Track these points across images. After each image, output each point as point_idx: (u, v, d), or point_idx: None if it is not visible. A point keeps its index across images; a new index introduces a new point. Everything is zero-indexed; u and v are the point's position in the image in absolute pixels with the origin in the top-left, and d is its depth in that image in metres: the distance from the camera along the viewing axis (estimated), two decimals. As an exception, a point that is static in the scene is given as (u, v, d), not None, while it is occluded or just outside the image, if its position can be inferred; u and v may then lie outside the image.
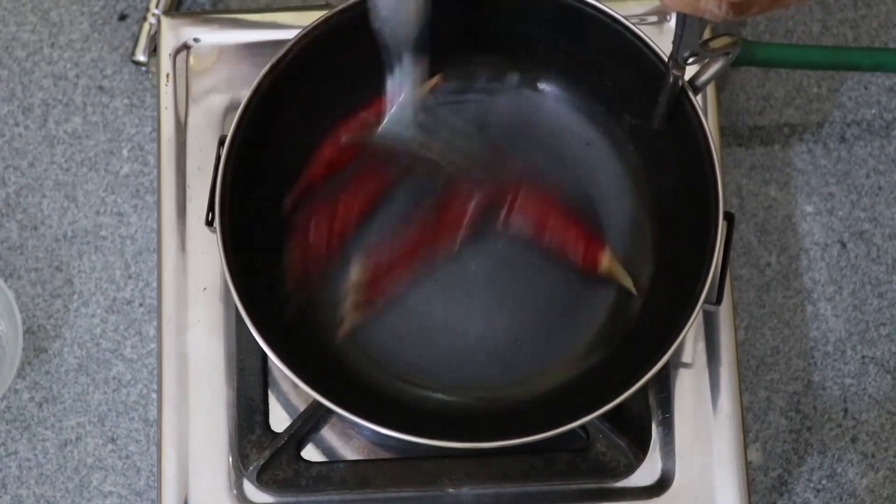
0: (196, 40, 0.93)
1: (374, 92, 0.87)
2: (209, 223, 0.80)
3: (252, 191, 0.83)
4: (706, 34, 0.75)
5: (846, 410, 0.95)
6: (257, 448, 0.84)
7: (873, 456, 0.94)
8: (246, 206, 0.82)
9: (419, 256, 0.86)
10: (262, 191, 0.85)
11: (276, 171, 0.87)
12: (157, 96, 0.92)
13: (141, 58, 0.98)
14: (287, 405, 0.87)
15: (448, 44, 0.88)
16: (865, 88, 1.00)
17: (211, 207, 0.80)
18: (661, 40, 0.81)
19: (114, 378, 0.95)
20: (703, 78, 0.79)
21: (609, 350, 0.85)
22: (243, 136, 0.81)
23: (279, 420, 0.86)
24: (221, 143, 0.81)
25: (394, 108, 0.83)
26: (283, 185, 0.87)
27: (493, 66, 0.90)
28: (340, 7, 0.83)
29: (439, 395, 0.85)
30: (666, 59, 0.78)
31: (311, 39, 0.83)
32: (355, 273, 0.85)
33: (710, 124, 0.81)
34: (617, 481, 0.84)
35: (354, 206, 0.86)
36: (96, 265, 0.96)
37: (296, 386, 0.78)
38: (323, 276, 0.87)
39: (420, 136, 0.84)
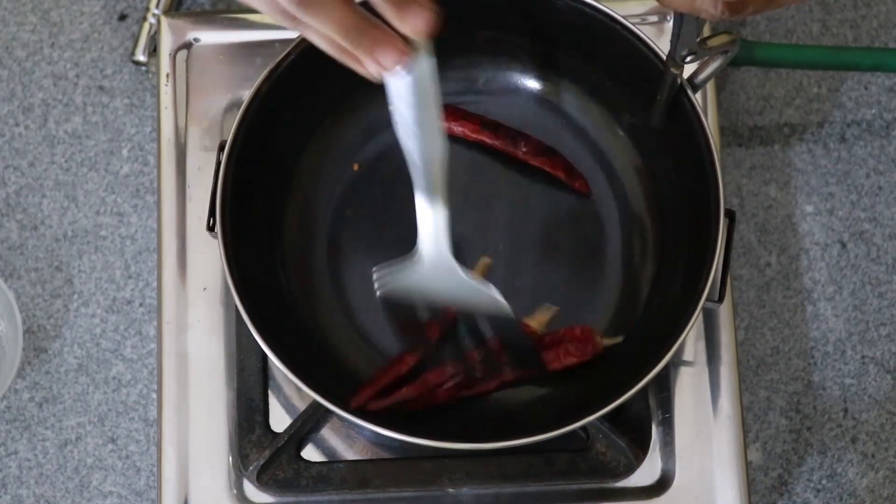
0: (196, 40, 0.93)
1: (373, 94, 0.87)
2: (210, 228, 0.80)
3: (253, 194, 0.83)
4: (705, 32, 0.75)
5: (846, 410, 0.95)
6: (257, 448, 0.84)
7: (873, 456, 0.94)
8: (247, 210, 0.82)
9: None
10: (262, 194, 0.85)
11: (276, 174, 0.87)
12: (157, 96, 0.92)
13: (141, 58, 0.98)
14: (287, 405, 0.88)
15: (447, 45, 0.88)
16: (865, 88, 1.00)
17: (212, 213, 0.80)
18: (662, 40, 0.81)
19: (114, 378, 0.95)
20: (702, 76, 0.79)
21: (611, 350, 0.85)
22: (243, 141, 0.81)
23: (279, 420, 0.86)
24: (221, 148, 0.81)
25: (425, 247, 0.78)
26: (284, 187, 0.87)
27: (493, 67, 0.90)
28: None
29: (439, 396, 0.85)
30: (664, 59, 0.78)
31: (309, 44, 0.82)
32: None
33: (711, 124, 0.81)
34: (617, 481, 0.84)
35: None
36: (96, 265, 0.96)
37: (296, 386, 0.79)
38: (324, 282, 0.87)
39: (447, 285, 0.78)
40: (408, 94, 0.66)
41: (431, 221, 0.75)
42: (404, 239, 0.88)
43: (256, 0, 0.62)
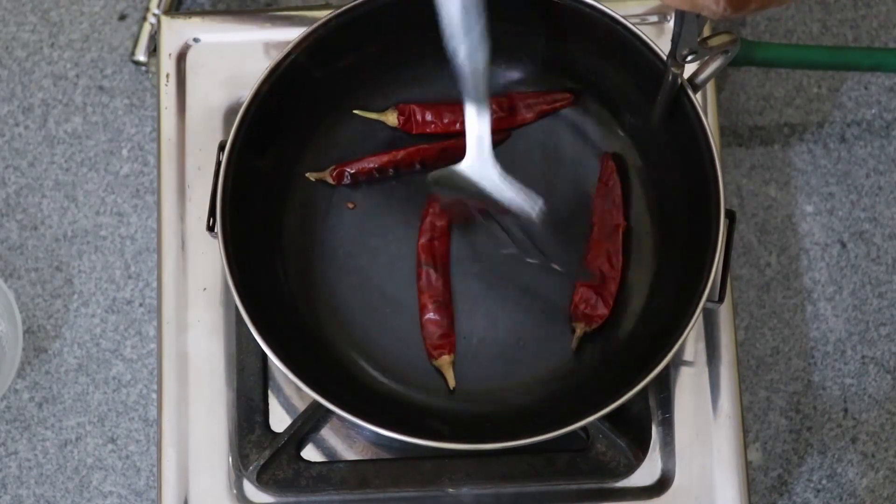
0: (196, 40, 0.93)
1: (372, 93, 0.87)
2: (210, 228, 0.80)
3: (253, 194, 0.83)
4: (706, 32, 0.75)
5: (846, 410, 0.95)
6: (257, 448, 0.84)
7: (873, 456, 0.94)
8: (246, 210, 0.82)
9: None
10: (262, 194, 0.85)
11: (276, 174, 0.87)
12: (157, 96, 0.92)
13: (141, 58, 0.98)
14: (287, 405, 0.87)
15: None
16: (865, 88, 1.00)
17: (212, 213, 0.80)
18: (662, 40, 0.81)
19: (114, 378, 0.95)
20: (703, 76, 0.79)
21: (611, 350, 0.85)
22: (243, 141, 0.81)
23: (279, 420, 0.86)
24: (221, 148, 0.81)
25: (473, 145, 0.82)
26: (283, 187, 0.87)
27: (493, 67, 0.89)
28: (337, 11, 0.83)
29: (440, 397, 0.85)
30: (665, 58, 0.78)
31: (309, 44, 0.83)
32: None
33: (711, 124, 0.81)
34: (617, 481, 0.84)
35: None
36: (96, 265, 0.96)
37: (296, 386, 0.79)
38: (326, 283, 0.87)
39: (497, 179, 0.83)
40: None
41: (476, 125, 0.81)
42: (404, 238, 0.88)
43: None
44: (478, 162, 0.82)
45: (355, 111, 0.89)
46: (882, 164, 0.99)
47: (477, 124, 0.81)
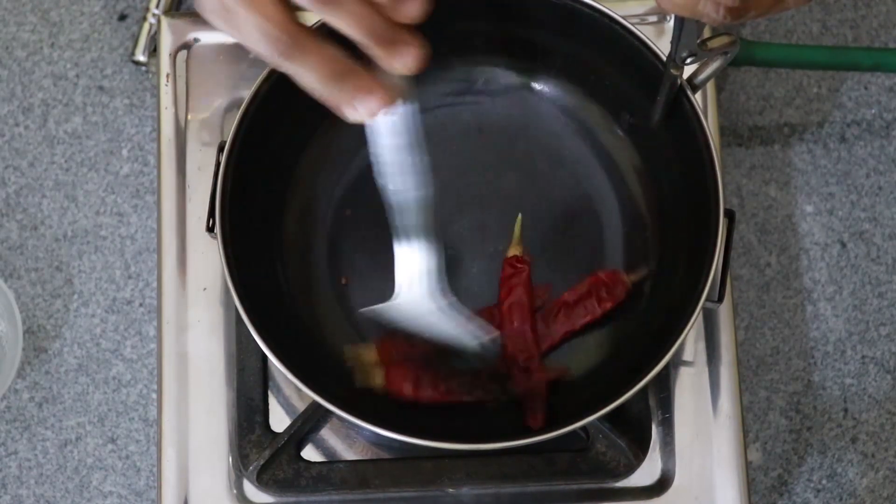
0: (196, 40, 0.93)
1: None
2: (210, 229, 0.80)
3: (253, 195, 0.83)
4: (706, 34, 0.75)
5: (846, 410, 0.95)
6: (257, 448, 0.84)
7: (873, 456, 0.94)
8: (246, 211, 0.82)
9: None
10: (262, 194, 0.85)
11: (276, 174, 0.87)
12: (157, 96, 0.92)
13: (141, 58, 0.98)
14: (287, 405, 0.88)
15: (447, 46, 0.88)
16: (865, 88, 1.00)
17: (212, 213, 0.80)
18: (661, 40, 0.81)
19: (114, 378, 0.95)
20: (702, 77, 0.79)
21: (610, 350, 0.85)
22: (243, 141, 0.81)
23: (279, 420, 0.86)
24: (221, 148, 0.81)
25: (405, 283, 0.74)
26: (284, 187, 0.87)
27: (492, 67, 0.90)
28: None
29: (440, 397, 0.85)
30: (664, 59, 0.78)
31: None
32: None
33: (711, 124, 0.81)
34: (617, 481, 0.85)
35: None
36: (96, 265, 0.96)
37: (296, 386, 0.79)
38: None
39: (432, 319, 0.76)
40: (388, 137, 0.65)
41: (410, 264, 0.73)
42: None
43: (252, 44, 0.61)
44: (413, 303, 0.74)
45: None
46: (882, 164, 0.99)
47: (411, 264, 0.72)
